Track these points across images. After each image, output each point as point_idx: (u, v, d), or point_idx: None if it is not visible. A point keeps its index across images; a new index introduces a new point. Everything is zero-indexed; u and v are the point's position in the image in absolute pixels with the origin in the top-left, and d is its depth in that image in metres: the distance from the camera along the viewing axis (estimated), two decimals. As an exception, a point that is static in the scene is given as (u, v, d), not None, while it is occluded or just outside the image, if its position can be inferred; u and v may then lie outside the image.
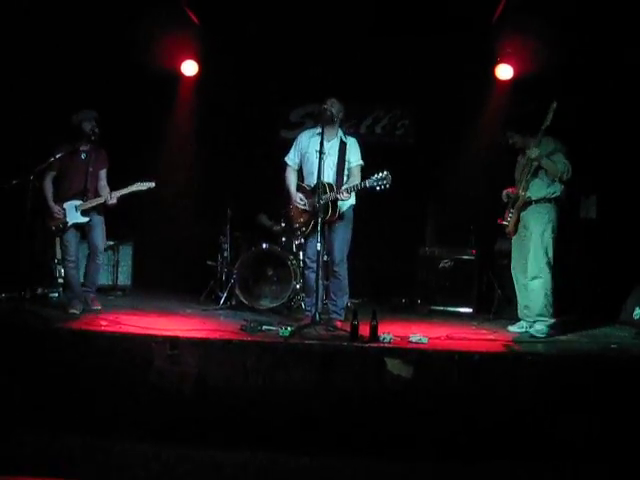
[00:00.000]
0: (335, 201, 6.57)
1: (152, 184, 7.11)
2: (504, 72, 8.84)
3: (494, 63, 8.84)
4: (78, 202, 7.12)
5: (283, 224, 8.25)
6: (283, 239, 8.21)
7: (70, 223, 7.12)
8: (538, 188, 6.59)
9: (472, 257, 8.38)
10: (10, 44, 7.94)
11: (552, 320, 6.55)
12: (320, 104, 6.80)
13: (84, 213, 7.13)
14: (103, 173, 7.26)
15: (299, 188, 6.91)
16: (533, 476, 4.96)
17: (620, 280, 7.47)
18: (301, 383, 5.46)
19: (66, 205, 7.11)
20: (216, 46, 9.15)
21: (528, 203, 6.62)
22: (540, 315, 6.54)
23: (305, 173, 6.91)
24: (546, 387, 5.33)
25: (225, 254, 8.56)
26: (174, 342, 5.70)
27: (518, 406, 5.28)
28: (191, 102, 9.63)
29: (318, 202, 6.43)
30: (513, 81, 8.87)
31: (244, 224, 8.56)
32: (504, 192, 6.88)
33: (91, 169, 7.15)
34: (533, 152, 6.46)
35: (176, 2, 8.38)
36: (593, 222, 8.36)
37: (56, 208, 7.10)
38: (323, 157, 6.50)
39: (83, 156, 7.18)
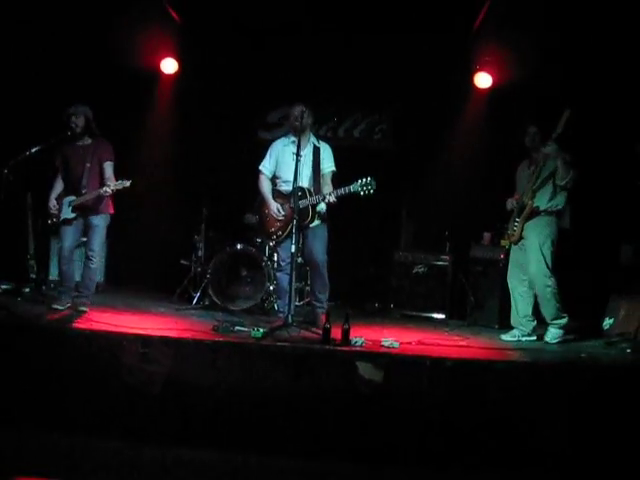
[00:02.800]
0: (315, 205, 6.68)
1: (127, 183, 6.82)
2: (483, 80, 8.89)
3: (473, 71, 8.88)
4: (72, 198, 6.98)
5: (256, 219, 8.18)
6: (258, 240, 8.18)
7: (61, 219, 7.00)
8: (545, 199, 6.68)
9: (446, 263, 8.41)
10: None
11: (565, 320, 6.74)
12: (291, 108, 6.85)
13: (75, 209, 6.96)
14: (106, 166, 6.98)
15: (275, 193, 6.98)
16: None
17: (596, 291, 7.52)
18: (272, 385, 5.45)
19: (64, 201, 7.01)
20: (196, 44, 9.14)
21: (536, 213, 6.70)
22: (555, 318, 6.73)
23: (281, 180, 6.97)
24: (516, 394, 5.36)
25: (199, 253, 8.53)
26: (146, 341, 5.67)
27: (488, 413, 5.31)
28: (170, 100, 9.58)
29: (296, 206, 6.50)
30: (491, 90, 8.91)
31: (219, 224, 8.54)
32: (508, 200, 6.94)
33: (88, 164, 6.93)
34: (550, 147, 6.48)
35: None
36: (568, 232, 8.41)
37: (51, 204, 7.02)
38: (300, 162, 6.57)
39: (81, 151, 7.00)
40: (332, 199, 6.58)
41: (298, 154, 6.51)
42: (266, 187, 7.01)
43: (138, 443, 5.14)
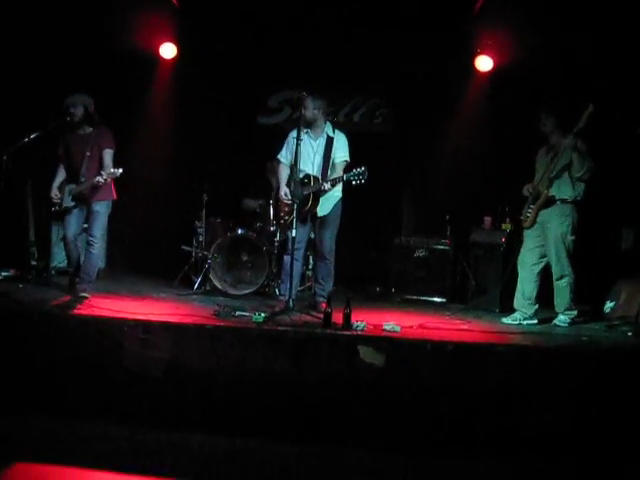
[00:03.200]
0: (317, 193, 6.76)
1: (118, 172, 6.81)
2: (484, 63, 8.84)
3: (474, 54, 8.83)
4: (73, 186, 7.03)
5: (259, 210, 8.28)
6: (259, 224, 8.20)
7: (63, 207, 7.06)
8: (563, 188, 6.75)
9: (447, 247, 8.39)
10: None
11: (575, 312, 6.85)
12: (298, 91, 6.86)
13: (74, 198, 7.02)
14: (105, 154, 6.98)
15: (290, 181, 7.06)
16: (503, 468, 5.01)
17: (597, 275, 7.53)
18: (273, 369, 5.46)
19: (66, 189, 7.08)
20: (195, 29, 9.08)
21: (551, 202, 6.77)
22: (567, 309, 6.82)
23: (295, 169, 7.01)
24: (517, 377, 5.37)
25: (200, 239, 8.53)
26: (147, 326, 5.68)
27: (490, 396, 5.32)
28: (169, 85, 9.54)
29: (298, 192, 6.63)
30: (493, 72, 8.87)
31: (220, 209, 8.52)
32: (525, 187, 7.00)
33: (88, 153, 6.95)
34: (568, 141, 6.55)
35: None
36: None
37: (53, 192, 7.10)
38: (309, 150, 6.87)
39: (82, 140, 7.02)
40: (327, 186, 6.71)
41: (298, 138, 6.60)
42: (283, 174, 7.12)
43: (139, 428, 5.15)
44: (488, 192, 8.51)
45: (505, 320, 6.96)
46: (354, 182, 6.55)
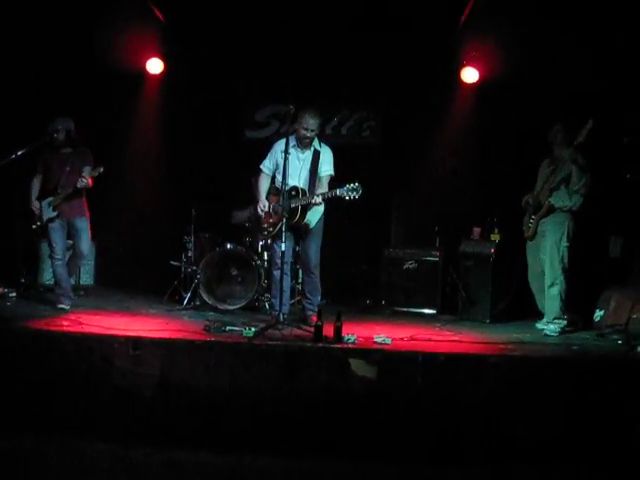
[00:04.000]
0: (305, 206, 6.77)
1: (101, 169, 7.11)
2: (470, 75, 8.87)
3: (460, 66, 8.87)
4: (51, 198, 7.21)
5: (248, 224, 8.27)
6: (248, 239, 8.18)
7: (45, 219, 7.22)
8: (560, 197, 6.89)
9: (437, 259, 8.38)
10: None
11: (565, 322, 6.92)
12: (286, 106, 6.87)
13: (55, 208, 7.20)
14: (85, 170, 7.23)
15: (273, 191, 7.12)
16: (495, 478, 5.00)
17: (586, 284, 7.54)
18: (265, 384, 5.44)
19: (43, 203, 7.25)
20: (182, 44, 9.10)
21: (551, 210, 6.92)
22: (556, 318, 6.91)
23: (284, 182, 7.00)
24: (509, 387, 5.37)
25: (189, 254, 8.49)
26: (137, 342, 5.65)
27: (481, 407, 5.32)
28: (156, 100, 9.54)
29: (286, 204, 6.58)
30: (479, 84, 8.91)
31: (208, 224, 8.51)
32: (525, 198, 7.17)
33: (68, 169, 7.21)
34: (568, 154, 6.71)
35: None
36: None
37: (34, 206, 7.30)
38: (295, 164, 6.84)
39: (63, 158, 7.27)
40: (318, 200, 6.70)
41: (286, 152, 6.60)
42: (262, 184, 7.14)
43: (131, 445, 5.11)
44: (476, 203, 8.54)
45: (538, 325, 7.10)
46: (347, 197, 6.52)
